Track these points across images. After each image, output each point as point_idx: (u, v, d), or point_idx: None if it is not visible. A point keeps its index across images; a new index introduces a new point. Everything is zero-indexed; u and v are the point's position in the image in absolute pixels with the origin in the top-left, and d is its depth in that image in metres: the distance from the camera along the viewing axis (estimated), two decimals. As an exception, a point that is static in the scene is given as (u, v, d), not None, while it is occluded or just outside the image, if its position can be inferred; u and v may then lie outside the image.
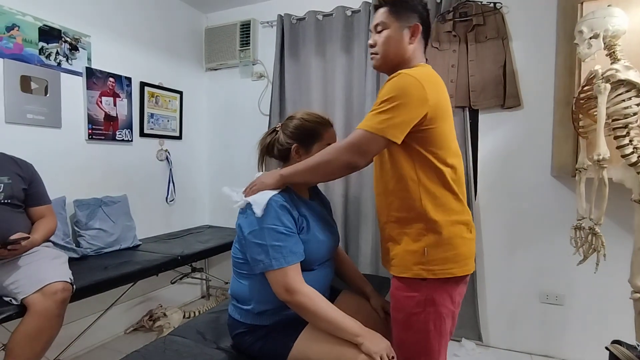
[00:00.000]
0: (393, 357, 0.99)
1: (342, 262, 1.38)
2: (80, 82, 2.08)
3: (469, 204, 2.11)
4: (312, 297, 1.01)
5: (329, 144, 1.14)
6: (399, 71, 1.01)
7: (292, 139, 1.16)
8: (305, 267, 1.08)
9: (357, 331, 1.00)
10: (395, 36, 1.08)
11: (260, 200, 1.03)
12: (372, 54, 1.14)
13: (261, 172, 1.21)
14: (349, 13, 2.40)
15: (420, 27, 1.09)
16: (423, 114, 0.97)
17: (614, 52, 1.30)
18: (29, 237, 1.42)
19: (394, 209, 1.08)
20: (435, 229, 1.02)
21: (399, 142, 0.97)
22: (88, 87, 2.10)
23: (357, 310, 1.19)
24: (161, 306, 2.42)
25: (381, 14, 1.10)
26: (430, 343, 1.04)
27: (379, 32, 1.10)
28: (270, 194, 1.05)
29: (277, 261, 1.01)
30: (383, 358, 0.97)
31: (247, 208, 1.06)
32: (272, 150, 1.21)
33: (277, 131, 1.20)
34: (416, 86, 0.96)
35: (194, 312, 2.46)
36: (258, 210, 1.02)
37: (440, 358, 1.07)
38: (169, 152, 2.67)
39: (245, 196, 1.09)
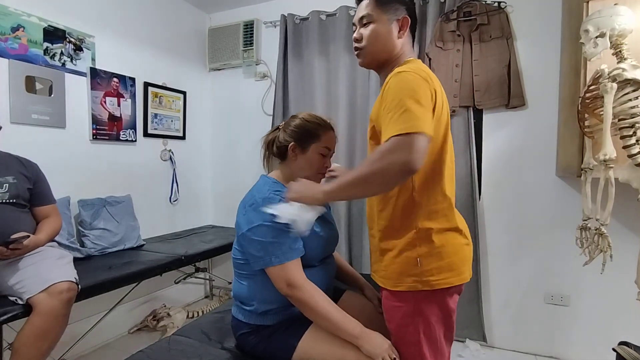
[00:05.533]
0: (395, 358, 0.98)
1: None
2: (84, 82, 2.09)
3: (473, 205, 2.10)
4: (313, 294, 1.01)
5: (327, 147, 1.16)
6: (396, 70, 0.92)
7: (291, 137, 1.16)
8: (307, 264, 1.09)
9: (357, 333, 1.00)
10: (383, 30, 1.01)
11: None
12: (357, 49, 1.05)
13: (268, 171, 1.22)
14: (352, 13, 2.39)
15: (409, 20, 1.03)
16: (432, 107, 0.89)
17: (620, 51, 1.28)
18: (29, 236, 1.42)
19: (383, 218, 1.01)
20: (426, 237, 0.96)
21: (432, 134, 0.86)
22: (92, 88, 2.11)
23: (360, 311, 1.19)
24: (165, 306, 2.43)
25: (366, 6, 1.02)
26: (423, 354, 0.98)
27: (365, 25, 1.02)
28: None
29: (276, 258, 1.02)
30: (385, 359, 0.97)
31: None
32: (272, 148, 1.22)
33: (280, 129, 1.22)
34: (420, 82, 0.88)
35: (198, 312, 2.47)
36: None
37: None
38: (172, 152, 2.67)
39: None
